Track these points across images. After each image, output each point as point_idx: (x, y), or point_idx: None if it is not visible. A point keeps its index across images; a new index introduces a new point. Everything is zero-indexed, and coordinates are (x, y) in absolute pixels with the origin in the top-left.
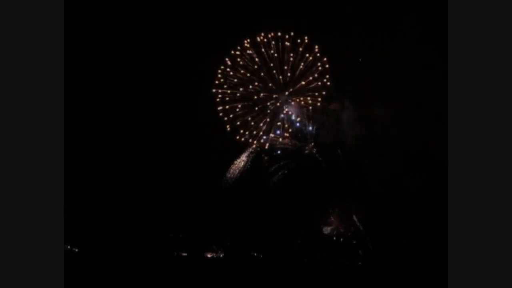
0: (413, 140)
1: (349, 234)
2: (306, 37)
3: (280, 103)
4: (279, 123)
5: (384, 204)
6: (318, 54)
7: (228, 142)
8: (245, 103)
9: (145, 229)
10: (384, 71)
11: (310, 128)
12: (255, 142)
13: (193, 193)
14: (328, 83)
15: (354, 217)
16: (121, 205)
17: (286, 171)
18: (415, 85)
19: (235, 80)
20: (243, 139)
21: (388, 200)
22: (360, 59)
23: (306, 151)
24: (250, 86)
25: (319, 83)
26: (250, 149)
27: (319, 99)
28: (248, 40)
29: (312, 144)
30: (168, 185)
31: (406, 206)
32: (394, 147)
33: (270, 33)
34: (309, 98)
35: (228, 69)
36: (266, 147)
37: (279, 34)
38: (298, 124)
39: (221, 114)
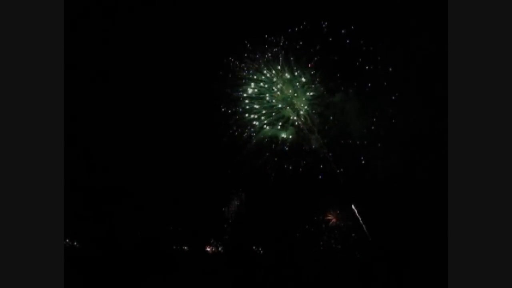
0: (415, 133)
1: (347, 226)
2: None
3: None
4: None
5: (385, 198)
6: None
7: (231, 138)
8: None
9: (144, 222)
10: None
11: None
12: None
13: (192, 187)
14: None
15: (354, 210)
16: (120, 198)
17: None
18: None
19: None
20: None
21: (389, 194)
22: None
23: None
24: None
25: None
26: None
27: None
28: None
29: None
30: (168, 178)
31: (408, 200)
32: (396, 140)
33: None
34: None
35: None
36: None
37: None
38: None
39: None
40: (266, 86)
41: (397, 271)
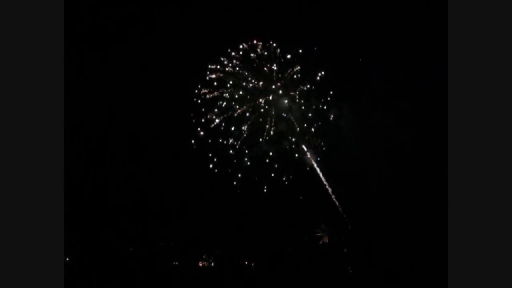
0: (411, 146)
1: (340, 241)
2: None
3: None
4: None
5: (379, 212)
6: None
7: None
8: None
9: (137, 238)
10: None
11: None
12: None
13: (184, 202)
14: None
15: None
16: (112, 214)
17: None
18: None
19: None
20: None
21: (384, 208)
22: (360, 59)
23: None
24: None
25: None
26: None
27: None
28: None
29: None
30: (159, 193)
31: (402, 214)
32: (392, 153)
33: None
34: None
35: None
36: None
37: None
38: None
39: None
40: (260, 100)
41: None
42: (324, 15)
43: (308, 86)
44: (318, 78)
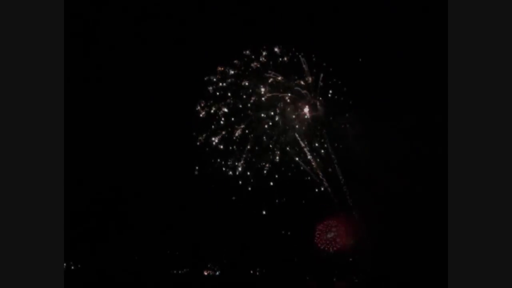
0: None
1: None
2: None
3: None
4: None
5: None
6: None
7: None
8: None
9: (141, 247)
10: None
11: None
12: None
13: (188, 210)
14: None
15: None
16: (117, 222)
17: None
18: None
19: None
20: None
21: (388, 217)
22: (360, 59)
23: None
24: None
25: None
26: None
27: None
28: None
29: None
30: (164, 201)
31: (408, 223)
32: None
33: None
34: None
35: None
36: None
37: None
38: None
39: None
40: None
41: None
42: (327, 20)
43: (314, 96)
44: (322, 84)
